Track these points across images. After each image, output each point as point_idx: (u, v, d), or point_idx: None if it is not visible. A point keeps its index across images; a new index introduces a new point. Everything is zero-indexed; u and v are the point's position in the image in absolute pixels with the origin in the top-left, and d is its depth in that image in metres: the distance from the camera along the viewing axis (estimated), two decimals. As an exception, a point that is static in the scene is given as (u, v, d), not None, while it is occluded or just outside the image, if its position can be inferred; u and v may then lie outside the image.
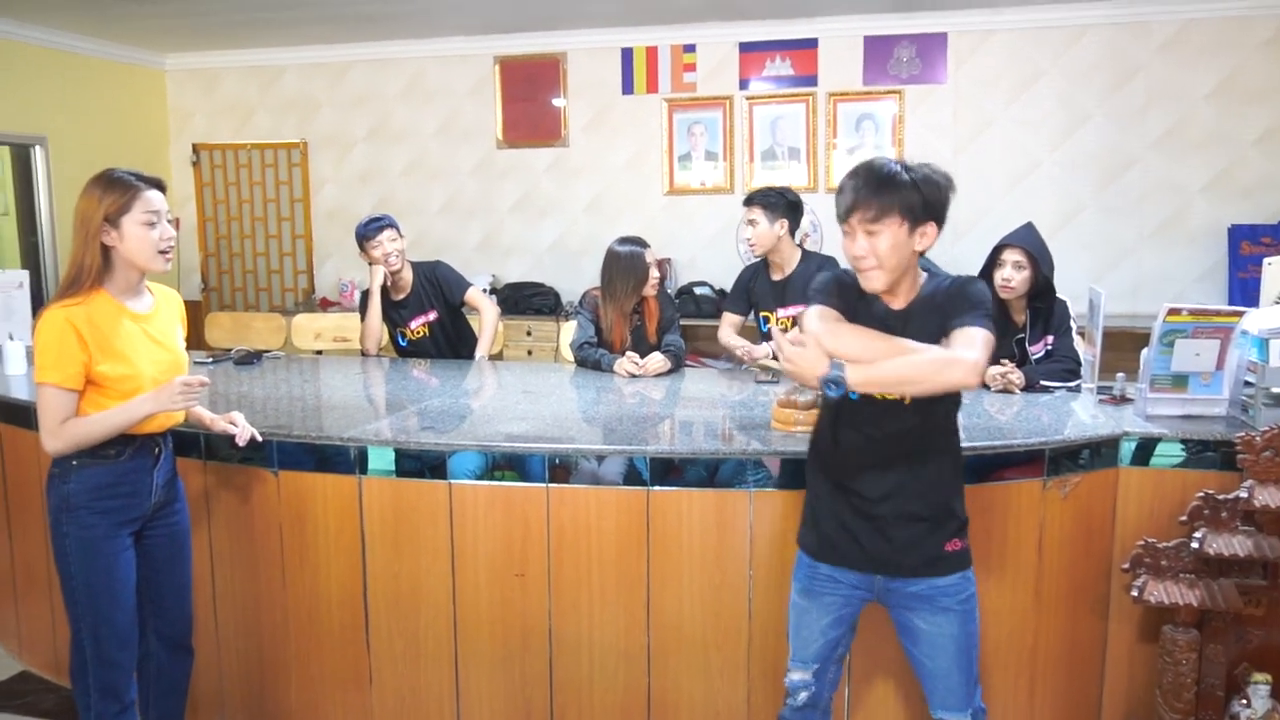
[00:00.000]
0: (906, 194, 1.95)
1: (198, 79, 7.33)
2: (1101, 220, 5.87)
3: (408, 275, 4.12)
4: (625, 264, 3.70)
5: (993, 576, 2.55)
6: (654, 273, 3.73)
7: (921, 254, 2.03)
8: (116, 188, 2.29)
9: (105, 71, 6.83)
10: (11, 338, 3.81)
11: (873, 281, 2.01)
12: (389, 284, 4.09)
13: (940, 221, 2.01)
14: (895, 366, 1.92)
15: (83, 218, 2.29)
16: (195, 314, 7.38)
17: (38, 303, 5.71)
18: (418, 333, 4.16)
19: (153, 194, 2.33)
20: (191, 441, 2.83)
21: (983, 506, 2.51)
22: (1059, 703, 2.70)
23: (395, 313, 4.15)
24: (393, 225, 4.05)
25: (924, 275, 2.10)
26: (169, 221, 2.38)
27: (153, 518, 2.47)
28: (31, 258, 6.45)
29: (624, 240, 3.76)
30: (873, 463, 2.09)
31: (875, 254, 1.97)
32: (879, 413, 2.06)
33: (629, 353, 3.64)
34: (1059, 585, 2.64)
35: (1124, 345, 4.09)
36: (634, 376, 3.57)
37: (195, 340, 6.99)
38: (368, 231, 4.02)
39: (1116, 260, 5.87)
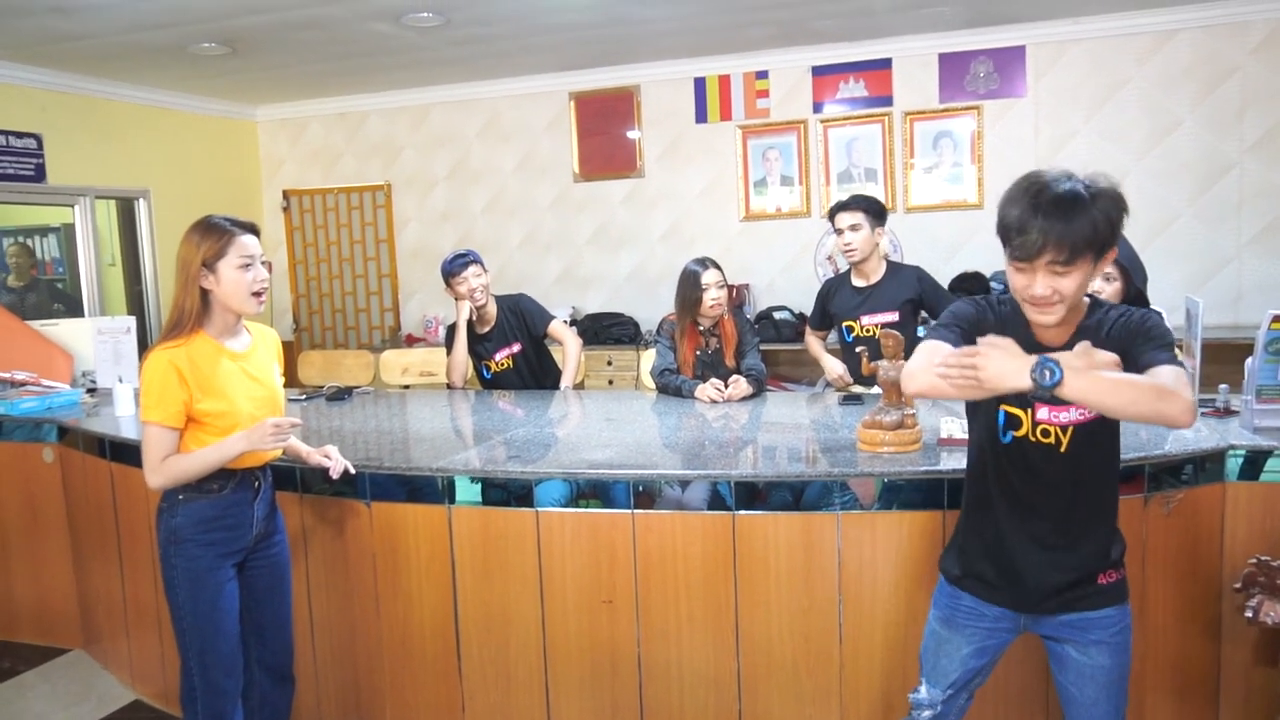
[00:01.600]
0: (1095, 222, 1.74)
1: (287, 128, 7.65)
2: (1197, 229, 5.66)
3: (492, 309, 4.18)
4: (686, 279, 3.76)
5: (1094, 598, 2.46)
6: (713, 292, 3.70)
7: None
8: (213, 234, 2.40)
9: (201, 125, 7.17)
10: (120, 380, 3.99)
11: (1048, 317, 1.83)
12: (474, 318, 4.16)
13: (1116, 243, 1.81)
14: (1114, 376, 1.66)
15: (183, 263, 2.41)
16: (288, 353, 7.62)
17: (143, 348, 5.97)
18: (502, 365, 4.22)
19: (247, 239, 2.44)
20: (288, 475, 2.93)
21: (1081, 525, 2.43)
22: (1171, 731, 2.58)
23: (480, 346, 4.22)
24: (477, 261, 4.11)
25: (1085, 301, 1.93)
26: (263, 264, 2.48)
27: (254, 549, 2.56)
28: (137, 305, 6.78)
29: (694, 259, 3.82)
30: (1028, 508, 1.97)
31: (1061, 294, 1.79)
32: (1039, 456, 1.94)
33: (712, 379, 3.63)
34: (1165, 607, 2.53)
35: (1226, 359, 3.92)
36: (715, 403, 3.56)
37: (289, 378, 7.19)
38: (453, 267, 4.08)
39: (1215, 270, 5.65)
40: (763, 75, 6.38)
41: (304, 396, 4.24)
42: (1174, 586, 2.53)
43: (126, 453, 3.45)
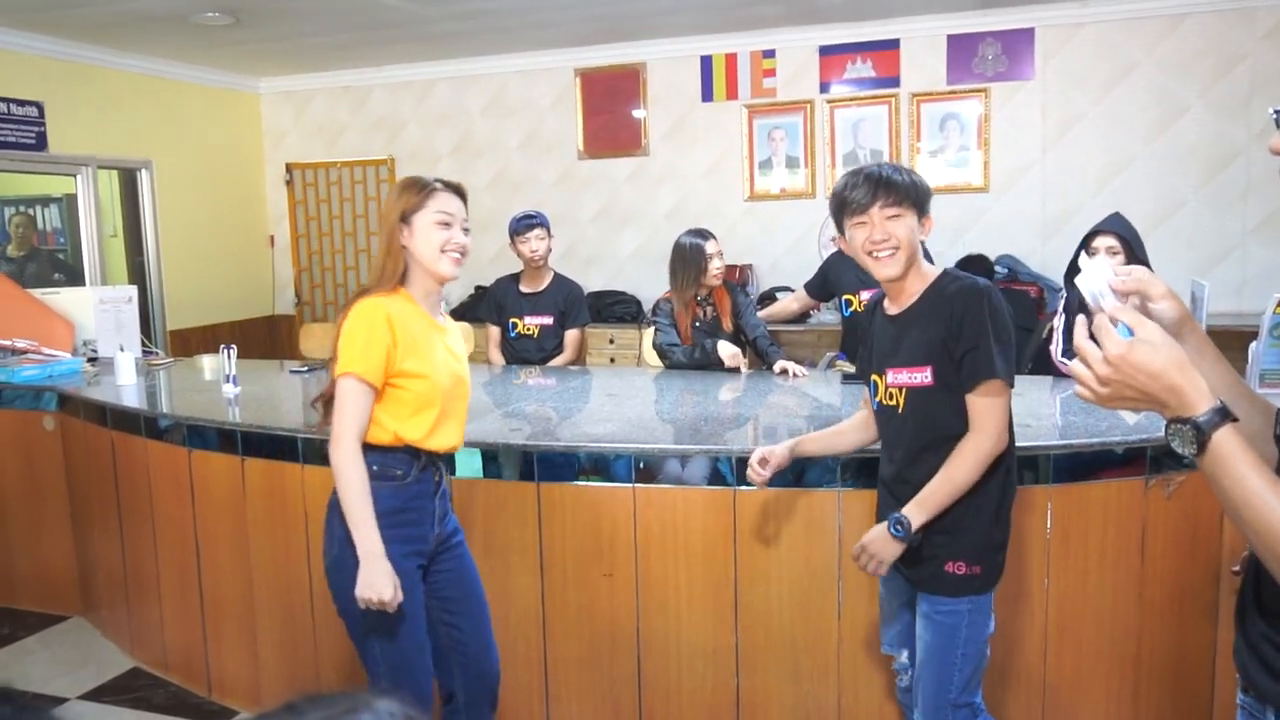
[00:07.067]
0: (910, 188, 2.05)
1: (290, 101, 7.60)
2: (1203, 215, 5.64)
3: (548, 276, 4.29)
4: (688, 254, 3.81)
5: (1092, 580, 2.47)
6: (716, 261, 3.81)
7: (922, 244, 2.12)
8: (414, 187, 2.24)
9: (204, 97, 7.13)
10: (122, 349, 3.99)
11: (890, 267, 2.05)
12: (525, 274, 4.30)
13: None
14: (942, 489, 2.00)
15: (384, 218, 2.25)
16: (290, 327, 7.64)
17: (145, 319, 5.95)
18: (530, 329, 4.28)
19: (449, 196, 2.25)
20: (288, 446, 2.92)
21: (1080, 507, 2.44)
22: (1166, 713, 2.59)
23: (523, 301, 4.29)
24: (544, 224, 4.20)
25: (934, 270, 2.14)
26: (464, 230, 2.26)
27: (437, 552, 2.29)
28: (138, 276, 6.76)
29: (689, 232, 3.87)
30: (890, 471, 2.16)
31: (896, 237, 2.03)
32: (887, 424, 2.16)
33: (722, 342, 3.76)
34: (1164, 589, 2.53)
35: (1230, 345, 3.85)
36: (736, 369, 3.71)
37: (290, 351, 7.22)
38: (519, 227, 4.19)
39: (1220, 257, 5.63)
40: (770, 54, 6.33)
41: (306, 369, 4.24)
42: (1173, 569, 2.53)
43: (128, 421, 3.45)
